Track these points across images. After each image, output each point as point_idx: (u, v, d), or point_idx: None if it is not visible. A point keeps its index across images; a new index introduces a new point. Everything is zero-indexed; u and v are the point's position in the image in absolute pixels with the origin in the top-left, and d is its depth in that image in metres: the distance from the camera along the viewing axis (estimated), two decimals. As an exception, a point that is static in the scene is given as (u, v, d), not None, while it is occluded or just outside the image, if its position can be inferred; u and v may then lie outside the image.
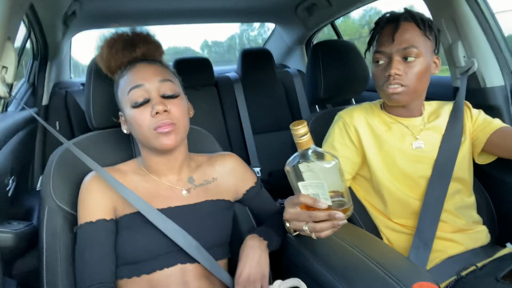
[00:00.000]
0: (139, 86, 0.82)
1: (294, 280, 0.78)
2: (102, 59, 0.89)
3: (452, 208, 0.97)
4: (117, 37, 0.88)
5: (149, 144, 0.84)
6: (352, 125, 1.03)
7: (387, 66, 0.95)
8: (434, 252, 0.92)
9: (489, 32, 1.22)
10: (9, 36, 0.95)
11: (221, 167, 0.97)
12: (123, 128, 0.90)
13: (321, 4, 2.01)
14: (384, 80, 0.95)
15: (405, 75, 0.93)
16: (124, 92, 0.84)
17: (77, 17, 1.80)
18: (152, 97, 0.82)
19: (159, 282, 0.82)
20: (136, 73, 0.84)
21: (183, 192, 0.90)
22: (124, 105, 0.85)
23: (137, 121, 0.82)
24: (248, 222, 1.01)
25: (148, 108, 0.81)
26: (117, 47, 0.87)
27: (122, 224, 0.85)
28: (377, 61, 0.98)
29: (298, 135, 0.68)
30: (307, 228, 0.72)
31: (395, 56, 0.93)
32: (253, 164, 2.19)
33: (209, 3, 2.06)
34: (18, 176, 1.23)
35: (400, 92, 0.94)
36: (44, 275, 0.85)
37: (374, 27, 1.02)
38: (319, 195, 0.68)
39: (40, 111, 1.86)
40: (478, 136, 1.01)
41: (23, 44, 1.67)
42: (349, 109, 1.09)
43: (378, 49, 0.97)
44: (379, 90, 0.99)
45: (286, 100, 2.46)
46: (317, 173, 0.68)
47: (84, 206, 0.85)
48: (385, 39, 0.95)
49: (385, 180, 0.99)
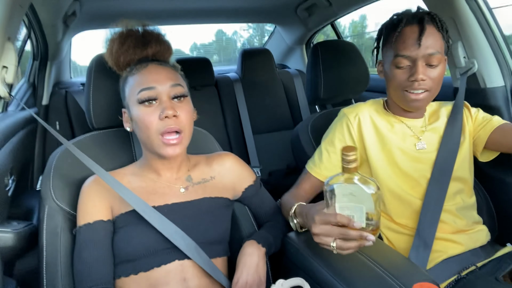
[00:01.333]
0: (150, 88, 0.82)
1: (297, 280, 0.78)
2: (111, 53, 0.88)
3: (453, 209, 0.97)
4: (129, 33, 0.87)
5: (152, 148, 0.84)
6: (355, 123, 1.03)
7: (410, 70, 0.92)
8: (434, 252, 0.92)
9: (489, 32, 1.22)
10: (9, 36, 0.95)
11: (219, 165, 0.97)
12: (126, 126, 0.90)
13: (321, 4, 2.01)
14: (406, 84, 0.93)
15: (429, 80, 0.91)
16: (133, 91, 0.84)
17: (77, 17, 1.80)
18: (163, 100, 0.82)
19: (157, 280, 0.82)
20: (148, 74, 0.83)
21: (181, 190, 0.90)
22: (131, 103, 0.85)
23: (145, 122, 0.81)
24: (248, 222, 1.01)
25: (157, 110, 0.81)
26: (129, 44, 0.86)
27: (119, 223, 0.85)
28: (397, 64, 0.93)
29: (348, 160, 0.69)
30: (335, 245, 0.73)
31: (420, 61, 0.90)
32: (253, 164, 2.19)
33: (209, 4, 2.06)
34: (18, 176, 1.23)
35: (422, 98, 0.93)
36: (44, 275, 0.85)
37: (391, 27, 0.97)
38: (354, 217, 0.71)
39: (40, 111, 1.86)
40: (479, 135, 1.01)
41: (23, 44, 1.67)
42: (353, 106, 1.08)
43: (402, 53, 0.92)
44: (398, 93, 0.97)
45: (286, 100, 2.46)
46: (358, 197, 0.70)
47: (83, 208, 0.85)
48: (410, 42, 0.91)
49: (387, 178, 0.99)
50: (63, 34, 1.87)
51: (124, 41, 0.86)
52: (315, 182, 1.04)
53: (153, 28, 0.90)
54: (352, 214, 0.71)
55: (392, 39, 0.95)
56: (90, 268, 0.80)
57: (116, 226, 0.85)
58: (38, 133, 1.71)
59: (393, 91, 0.99)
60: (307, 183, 1.05)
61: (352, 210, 0.71)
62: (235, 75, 2.46)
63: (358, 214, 0.71)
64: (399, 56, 0.93)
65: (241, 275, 0.83)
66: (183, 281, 0.83)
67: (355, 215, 0.71)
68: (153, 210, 0.83)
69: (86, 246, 0.82)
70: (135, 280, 0.83)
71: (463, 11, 1.20)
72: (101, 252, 0.82)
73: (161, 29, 0.92)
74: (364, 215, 0.71)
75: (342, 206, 0.72)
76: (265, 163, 2.22)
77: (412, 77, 0.91)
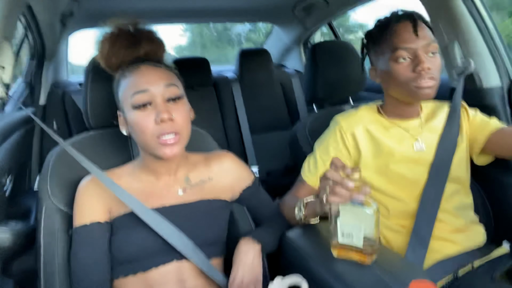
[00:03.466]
0: (144, 91, 0.79)
1: (295, 277, 0.78)
2: (102, 55, 0.85)
3: (451, 208, 0.97)
4: (119, 33, 0.84)
5: (149, 150, 0.83)
6: (348, 132, 1.03)
7: (412, 63, 0.93)
8: (431, 252, 0.92)
9: (486, 32, 1.22)
10: (6, 35, 0.95)
11: (218, 166, 0.96)
12: (122, 129, 0.88)
13: (319, 4, 2.01)
14: (413, 76, 0.92)
15: (433, 67, 0.92)
16: (126, 95, 0.81)
17: (74, 17, 1.80)
18: (157, 103, 0.79)
19: (155, 280, 0.82)
20: (140, 76, 0.81)
21: (179, 192, 0.90)
22: (125, 107, 0.83)
23: (140, 126, 0.79)
24: (245, 222, 1.01)
25: (152, 113, 0.79)
26: (120, 44, 0.83)
27: (116, 225, 0.85)
28: (397, 59, 0.93)
29: (353, 180, 0.72)
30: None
31: (421, 51, 0.91)
32: (251, 164, 2.19)
33: (207, 3, 2.06)
34: (16, 176, 1.23)
35: (433, 86, 0.93)
36: (42, 275, 0.85)
37: (379, 29, 0.99)
38: (353, 235, 0.76)
39: (37, 111, 1.85)
40: (477, 138, 1.01)
41: (20, 43, 1.67)
42: (346, 114, 1.08)
43: (401, 45, 0.92)
44: (404, 89, 0.95)
45: (284, 100, 2.47)
46: (359, 216, 0.75)
47: (79, 209, 0.85)
48: (407, 35, 0.92)
49: (383, 184, 0.98)
50: (60, 33, 1.86)
51: (115, 41, 0.83)
52: (311, 190, 1.04)
53: (144, 26, 0.87)
54: (351, 232, 0.76)
55: (385, 38, 0.96)
56: (86, 269, 0.80)
57: (114, 227, 0.85)
58: (36, 133, 1.71)
59: (398, 88, 0.97)
60: (304, 191, 1.05)
61: (352, 228, 0.76)
62: (233, 75, 2.46)
63: (357, 232, 0.75)
64: (398, 49, 0.93)
65: (237, 274, 0.83)
66: (180, 282, 0.83)
67: (354, 233, 0.76)
68: (150, 211, 0.83)
69: (83, 247, 0.82)
70: (133, 280, 0.83)
71: (460, 11, 1.20)
72: (97, 253, 0.82)
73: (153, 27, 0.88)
74: (362, 234, 0.75)
75: (343, 223, 0.76)
76: (263, 162, 2.22)
77: (418, 67, 0.91)
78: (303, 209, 0.89)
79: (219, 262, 0.92)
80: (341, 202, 0.74)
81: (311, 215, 0.89)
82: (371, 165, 1.00)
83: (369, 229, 0.75)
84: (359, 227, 0.75)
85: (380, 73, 1.01)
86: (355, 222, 0.75)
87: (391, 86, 0.99)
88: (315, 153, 1.07)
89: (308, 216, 0.90)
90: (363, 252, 0.76)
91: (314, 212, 0.86)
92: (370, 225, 0.74)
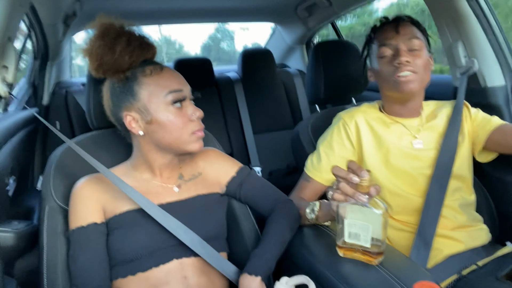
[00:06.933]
0: (178, 91, 0.84)
1: (302, 278, 0.78)
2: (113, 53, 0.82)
3: (454, 204, 0.98)
4: (131, 33, 0.85)
5: (178, 147, 0.85)
6: (352, 125, 1.05)
7: (393, 58, 0.98)
8: (434, 250, 0.92)
9: (489, 31, 1.22)
10: (9, 36, 0.95)
11: (203, 161, 0.98)
12: (134, 131, 0.85)
13: (321, 4, 2.01)
14: (392, 69, 0.97)
15: (414, 62, 0.96)
16: (157, 93, 0.82)
17: (77, 17, 1.80)
18: (188, 103, 0.87)
19: (157, 280, 0.82)
20: (170, 76, 0.85)
21: (175, 189, 0.91)
22: (154, 105, 0.82)
23: (178, 123, 0.83)
24: (247, 219, 1.01)
25: (186, 112, 0.85)
26: (135, 44, 0.84)
27: (113, 224, 0.85)
28: (382, 56, 1.00)
29: (362, 180, 0.73)
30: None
31: (402, 46, 0.96)
32: (253, 164, 2.19)
33: (210, 3, 2.06)
34: (19, 176, 1.23)
35: (412, 79, 0.95)
36: (45, 274, 0.85)
37: (372, 30, 1.06)
38: (360, 235, 0.75)
39: (40, 111, 1.86)
40: (478, 135, 1.02)
41: (23, 43, 1.67)
42: (349, 110, 1.10)
43: (384, 42, 1.00)
44: (388, 82, 0.99)
45: (286, 100, 2.46)
46: (367, 216, 0.74)
47: (75, 211, 0.85)
48: (390, 33, 0.99)
49: (384, 179, 0.99)
50: (63, 33, 1.87)
51: (130, 41, 0.83)
52: (316, 186, 1.05)
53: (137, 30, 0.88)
54: (358, 232, 0.75)
55: (374, 38, 1.04)
56: (85, 271, 0.80)
57: (110, 227, 0.85)
58: (39, 132, 1.71)
59: (384, 84, 1.02)
60: (309, 188, 1.05)
61: (360, 228, 0.75)
62: (235, 75, 2.45)
63: (364, 233, 0.75)
64: (382, 46, 1.00)
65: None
66: (183, 279, 0.83)
67: (361, 233, 0.75)
68: (157, 207, 0.83)
69: (81, 249, 0.82)
70: (134, 281, 0.82)
71: (464, 11, 1.19)
72: (95, 254, 0.82)
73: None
74: (370, 235, 0.75)
75: (350, 223, 0.76)
76: (266, 162, 2.22)
77: (396, 60, 0.96)
78: (316, 210, 0.89)
79: (224, 258, 0.92)
80: (344, 199, 0.74)
81: (323, 216, 0.89)
82: (373, 158, 1.01)
83: (377, 230, 0.74)
84: (367, 227, 0.74)
85: (374, 72, 1.06)
86: (363, 222, 0.75)
87: (381, 83, 1.03)
88: (318, 149, 1.08)
89: (321, 218, 0.89)
90: (370, 252, 0.76)
91: (327, 213, 0.87)
92: (378, 226, 0.74)
